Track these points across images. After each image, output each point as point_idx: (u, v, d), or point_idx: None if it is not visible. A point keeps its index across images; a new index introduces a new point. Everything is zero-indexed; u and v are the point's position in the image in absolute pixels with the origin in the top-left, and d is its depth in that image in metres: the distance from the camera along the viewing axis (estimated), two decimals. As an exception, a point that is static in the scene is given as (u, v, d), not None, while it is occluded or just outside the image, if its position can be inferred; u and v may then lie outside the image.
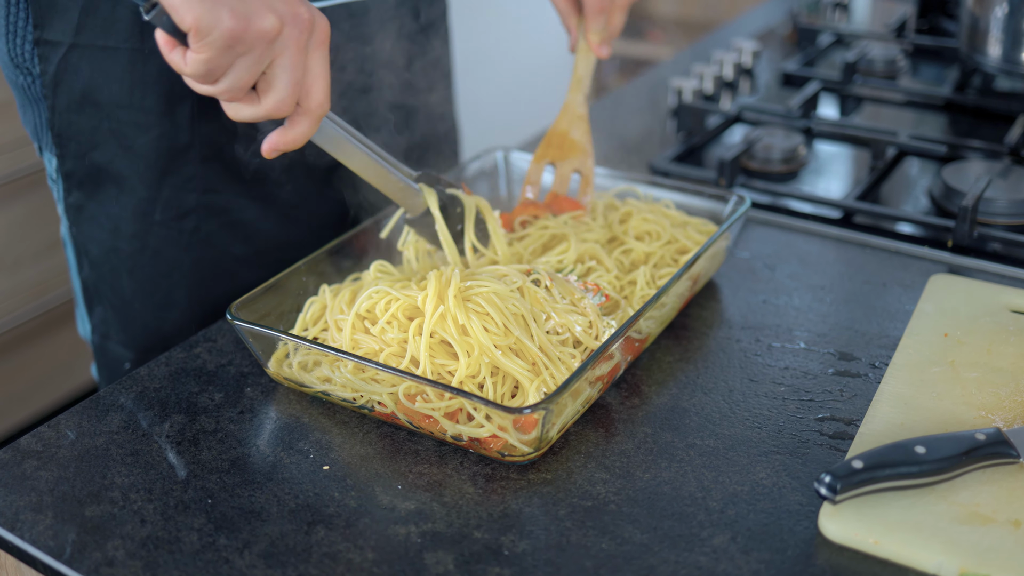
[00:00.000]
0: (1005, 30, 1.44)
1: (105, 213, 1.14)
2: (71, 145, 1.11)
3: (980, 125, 1.49)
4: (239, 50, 0.79)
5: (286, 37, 0.80)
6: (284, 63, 0.81)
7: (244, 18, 0.77)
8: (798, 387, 0.94)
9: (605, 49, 1.17)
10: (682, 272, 0.96)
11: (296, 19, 0.81)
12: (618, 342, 0.88)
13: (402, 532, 0.78)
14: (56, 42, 1.06)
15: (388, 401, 0.87)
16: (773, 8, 2.05)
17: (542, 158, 1.18)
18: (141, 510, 0.81)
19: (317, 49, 0.84)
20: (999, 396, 0.89)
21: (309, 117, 0.86)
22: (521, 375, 0.86)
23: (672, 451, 0.86)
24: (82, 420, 0.91)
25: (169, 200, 1.13)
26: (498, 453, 0.84)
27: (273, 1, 0.80)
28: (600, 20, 1.14)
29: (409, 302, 0.90)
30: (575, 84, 1.19)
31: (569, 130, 1.18)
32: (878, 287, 1.09)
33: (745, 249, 1.17)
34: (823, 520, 0.77)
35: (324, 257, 1.02)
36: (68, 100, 1.08)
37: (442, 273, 0.91)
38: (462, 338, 0.87)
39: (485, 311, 0.88)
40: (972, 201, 1.15)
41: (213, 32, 0.77)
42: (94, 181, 1.13)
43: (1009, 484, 0.79)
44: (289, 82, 0.82)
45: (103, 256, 1.16)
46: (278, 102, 0.83)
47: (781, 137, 1.38)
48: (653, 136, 1.47)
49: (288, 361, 0.94)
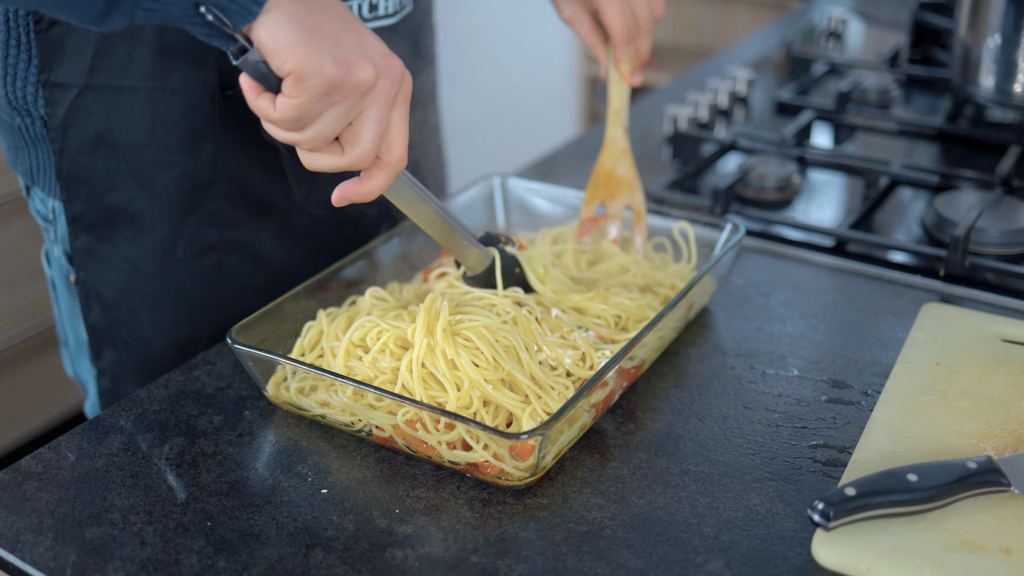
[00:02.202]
0: (997, 61, 1.46)
1: (120, 255, 1.12)
2: (82, 189, 1.09)
3: (972, 155, 1.51)
4: (334, 98, 0.78)
5: (379, 89, 0.80)
6: (373, 115, 0.81)
7: (345, 66, 0.77)
8: (791, 414, 0.95)
9: (638, 77, 1.15)
10: (677, 299, 0.97)
11: (390, 72, 0.80)
12: (612, 370, 0.89)
13: (399, 556, 0.79)
14: (66, 84, 1.04)
15: (386, 426, 0.88)
16: (767, 37, 2.07)
17: (592, 200, 1.17)
18: (141, 532, 0.81)
19: (403, 103, 0.83)
20: (990, 425, 0.90)
21: (387, 171, 0.85)
22: (513, 406, 0.87)
23: (667, 477, 0.87)
24: (82, 442, 0.92)
25: (192, 237, 1.11)
26: (494, 477, 0.85)
27: (371, 52, 0.79)
28: (629, 49, 1.12)
29: (399, 333, 0.91)
30: (612, 118, 1.17)
31: (614, 167, 1.17)
32: (871, 315, 1.11)
33: (739, 276, 1.18)
34: (816, 546, 0.78)
35: (324, 282, 1.03)
36: (80, 143, 1.07)
37: (432, 305, 0.91)
38: (452, 372, 0.87)
39: (475, 345, 0.88)
40: (964, 231, 1.17)
41: (313, 79, 0.76)
42: (107, 224, 1.11)
43: (1000, 512, 0.80)
44: (375, 135, 0.81)
45: (119, 298, 1.14)
46: (362, 154, 0.82)
47: (775, 165, 1.39)
48: (648, 163, 1.48)
49: (286, 384, 0.94)
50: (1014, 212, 1.25)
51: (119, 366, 1.18)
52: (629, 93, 1.17)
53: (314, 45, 0.76)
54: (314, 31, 0.76)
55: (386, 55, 0.80)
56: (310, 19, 0.76)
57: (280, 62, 0.76)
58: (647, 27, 1.12)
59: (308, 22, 0.76)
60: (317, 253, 1.18)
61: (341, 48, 0.77)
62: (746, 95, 1.71)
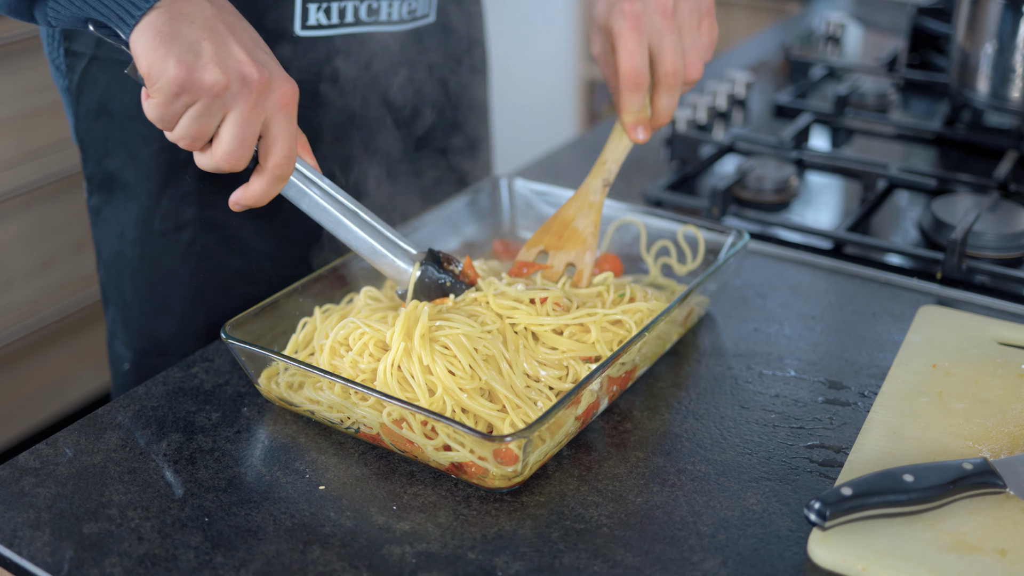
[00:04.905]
0: (994, 67, 1.46)
1: (116, 218, 1.20)
2: (90, 151, 1.19)
3: (969, 159, 1.51)
4: (186, 99, 0.83)
5: (234, 93, 0.84)
6: (233, 118, 0.85)
7: (189, 68, 0.82)
8: (788, 415, 0.95)
9: (641, 133, 1.02)
10: (671, 307, 0.96)
11: (244, 78, 0.84)
12: (597, 378, 0.87)
13: (397, 552, 0.79)
14: (81, 53, 1.14)
15: (373, 424, 0.88)
16: (766, 40, 2.08)
17: (534, 245, 1.06)
18: (138, 528, 0.81)
19: (277, 111, 0.86)
20: (986, 427, 0.90)
21: (267, 176, 0.88)
22: (490, 416, 0.86)
23: (664, 476, 0.88)
24: (80, 438, 0.92)
25: (168, 211, 1.17)
26: (479, 479, 0.85)
27: (226, 59, 0.83)
28: (636, 97, 1.00)
29: (378, 336, 0.91)
30: (597, 168, 1.06)
31: (575, 218, 1.05)
32: (868, 317, 1.11)
33: (737, 278, 1.18)
34: (812, 546, 0.78)
35: (321, 278, 1.04)
36: (88, 108, 1.16)
37: (412, 311, 0.91)
38: (425, 377, 0.87)
39: (452, 353, 0.88)
40: (961, 234, 1.17)
41: (160, 79, 0.82)
42: (108, 187, 1.19)
43: (995, 513, 0.80)
44: (236, 137, 0.85)
45: (112, 258, 1.23)
46: (225, 155, 0.86)
47: (773, 168, 1.40)
48: (647, 165, 1.48)
49: (277, 380, 0.95)
50: (1011, 216, 1.26)
51: (115, 323, 1.27)
52: (627, 148, 1.05)
53: (163, 49, 0.82)
54: (168, 37, 0.82)
55: (244, 63, 0.84)
56: (168, 27, 0.82)
57: (138, 63, 0.83)
58: (669, 83, 0.99)
59: (165, 30, 0.82)
60: (295, 242, 1.21)
61: (192, 53, 0.82)
62: (744, 98, 1.72)
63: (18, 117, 2.07)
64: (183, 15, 0.83)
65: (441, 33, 1.24)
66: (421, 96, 1.25)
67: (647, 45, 0.98)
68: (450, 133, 1.32)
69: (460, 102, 1.32)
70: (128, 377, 1.27)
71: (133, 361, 1.25)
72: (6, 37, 1.99)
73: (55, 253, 2.21)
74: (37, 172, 2.12)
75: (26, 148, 2.10)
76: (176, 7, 0.83)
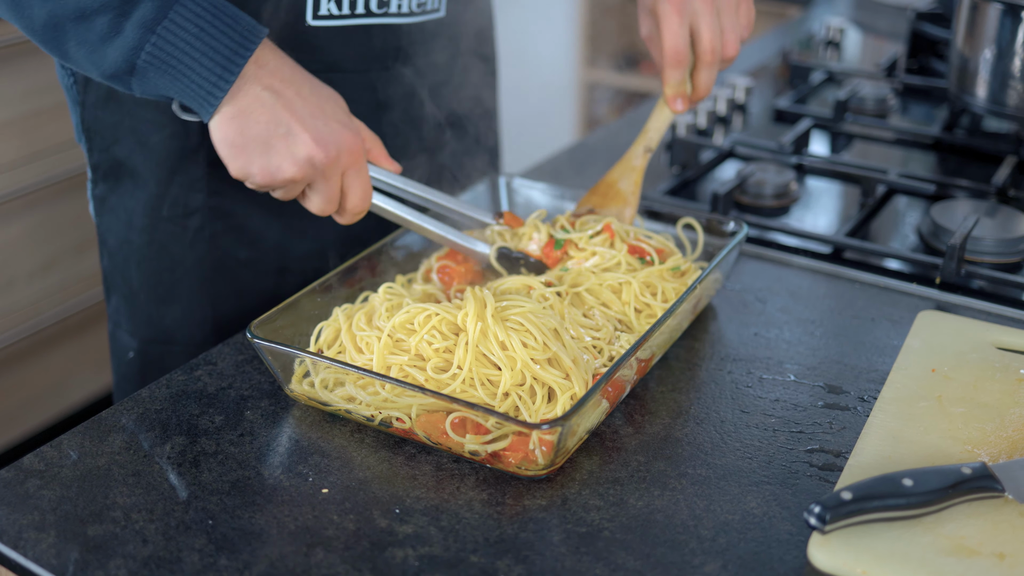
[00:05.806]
0: (993, 72, 1.47)
1: (123, 206, 1.21)
2: (97, 139, 1.20)
3: (968, 164, 1.52)
4: (274, 188, 0.98)
5: (309, 177, 0.97)
6: (317, 187, 0.99)
7: (269, 174, 0.96)
8: (788, 419, 0.96)
9: (680, 103, 1.13)
10: (693, 288, 1.00)
11: (313, 164, 0.96)
12: (635, 354, 0.92)
13: (400, 555, 0.80)
14: None
15: (407, 418, 0.90)
16: (766, 45, 2.09)
17: (584, 205, 1.17)
18: (143, 530, 0.82)
19: (350, 169, 0.99)
20: (985, 431, 0.91)
21: (349, 216, 1.03)
22: (556, 383, 0.90)
23: (665, 479, 0.88)
24: (84, 440, 0.92)
25: (177, 198, 1.19)
26: (516, 467, 0.86)
27: (295, 150, 0.95)
28: (677, 73, 1.11)
29: (448, 318, 0.93)
30: (640, 135, 1.18)
31: (619, 180, 1.17)
32: (867, 322, 1.11)
33: (737, 282, 1.19)
34: (812, 550, 0.78)
35: (335, 278, 1.05)
36: (96, 97, 1.17)
37: (476, 294, 0.94)
38: (503, 353, 0.91)
39: (524, 328, 0.92)
40: (960, 239, 1.18)
41: (248, 181, 0.97)
42: (115, 174, 1.20)
43: (994, 517, 0.81)
44: (322, 200, 1.00)
45: (118, 246, 1.24)
46: (319, 211, 1.01)
47: (773, 173, 1.40)
48: (647, 169, 1.49)
49: (309, 380, 0.95)
50: (1010, 221, 1.26)
51: (118, 312, 1.28)
52: (668, 118, 1.16)
53: (243, 159, 0.96)
54: (241, 147, 0.95)
55: (314, 147, 0.95)
56: (239, 138, 0.95)
57: (226, 164, 0.97)
58: (707, 60, 1.10)
59: (237, 141, 0.95)
60: (305, 233, 1.21)
61: (266, 156, 0.95)
62: (744, 103, 1.72)
63: (20, 119, 2.08)
64: (248, 116, 0.94)
65: (451, 28, 1.25)
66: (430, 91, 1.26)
67: (688, 26, 1.09)
68: (458, 134, 1.33)
69: (469, 99, 1.33)
70: (132, 366, 1.28)
71: (138, 350, 1.26)
72: (8, 39, 2.00)
73: (57, 254, 2.22)
74: (39, 174, 2.13)
75: (28, 150, 2.10)
76: (240, 104, 0.94)
